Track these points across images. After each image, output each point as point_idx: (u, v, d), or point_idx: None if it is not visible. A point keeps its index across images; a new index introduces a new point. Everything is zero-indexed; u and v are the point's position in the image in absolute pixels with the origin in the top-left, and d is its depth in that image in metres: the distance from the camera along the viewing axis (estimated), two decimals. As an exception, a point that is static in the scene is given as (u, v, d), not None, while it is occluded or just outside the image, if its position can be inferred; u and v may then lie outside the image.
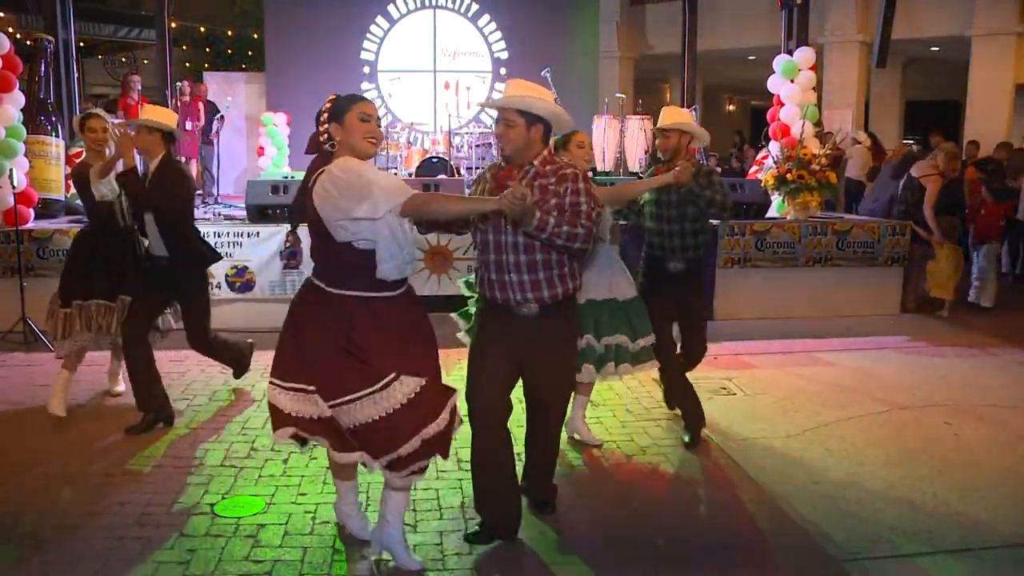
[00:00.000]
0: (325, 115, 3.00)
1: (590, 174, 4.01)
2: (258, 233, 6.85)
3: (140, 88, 11.21)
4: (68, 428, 4.59)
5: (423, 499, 3.70)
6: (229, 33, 19.85)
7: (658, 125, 4.45)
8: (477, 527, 3.38)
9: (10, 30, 12.69)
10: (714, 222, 6.96)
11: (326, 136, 2.99)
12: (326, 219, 2.87)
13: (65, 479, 3.89)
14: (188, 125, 10.63)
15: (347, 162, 2.91)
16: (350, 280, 2.95)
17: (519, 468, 3.56)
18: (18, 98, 6.88)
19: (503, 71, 12.14)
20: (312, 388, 2.95)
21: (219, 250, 6.80)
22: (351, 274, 2.94)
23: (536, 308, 3.16)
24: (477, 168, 9.63)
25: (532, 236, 3.01)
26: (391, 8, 12.00)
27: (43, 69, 7.93)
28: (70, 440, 4.43)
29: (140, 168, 4.49)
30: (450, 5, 12.08)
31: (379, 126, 3.06)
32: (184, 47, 19.72)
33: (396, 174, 9.57)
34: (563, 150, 4.02)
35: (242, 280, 6.78)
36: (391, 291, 3.00)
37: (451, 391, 3.07)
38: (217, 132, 10.64)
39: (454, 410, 3.06)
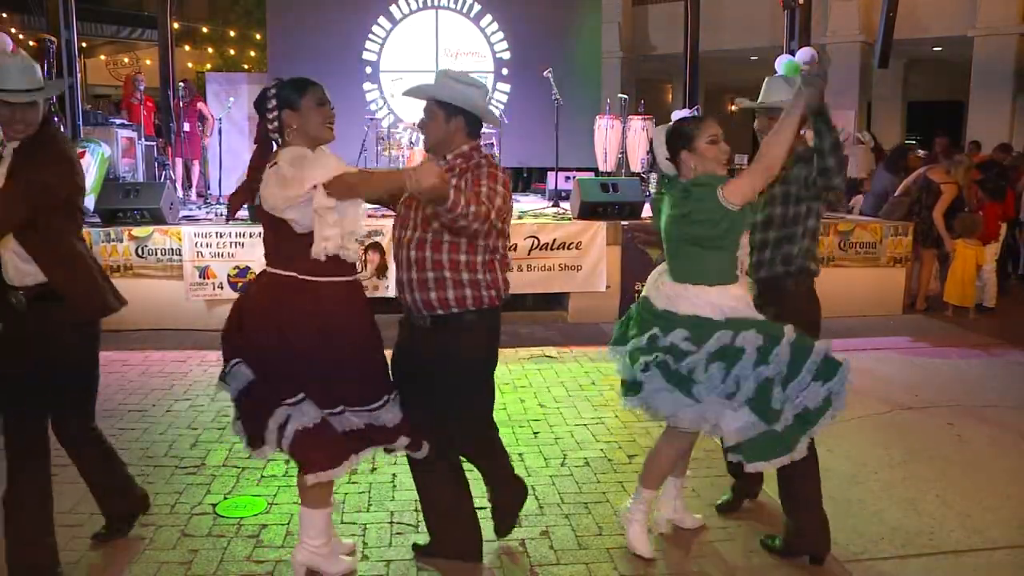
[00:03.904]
0: (274, 101, 2.81)
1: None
2: (260, 233, 6.82)
3: (144, 87, 11.22)
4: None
5: (425, 499, 3.70)
6: (231, 33, 19.87)
7: (771, 100, 3.41)
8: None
9: (13, 30, 12.72)
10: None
11: (277, 124, 2.82)
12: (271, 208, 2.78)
13: (66, 479, 3.88)
14: (187, 126, 10.62)
15: (296, 150, 2.79)
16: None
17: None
18: (20, 98, 6.88)
19: (505, 71, 12.13)
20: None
21: (221, 250, 6.92)
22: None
23: (428, 320, 2.88)
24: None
25: (441, 217, 2.70)
26: (393, 8, 11.99)
27: (45, 69, 7.94)
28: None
29: None
30: (452, 5, 12.08)
31: (332, 108, 2.90)
32: (186, 47, 19.75)
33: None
34: (689, 151, 3.01)
35: (244, 280, 6.77)
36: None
37: None
38: (209, 134, 10.63)
39: None
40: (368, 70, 11.99)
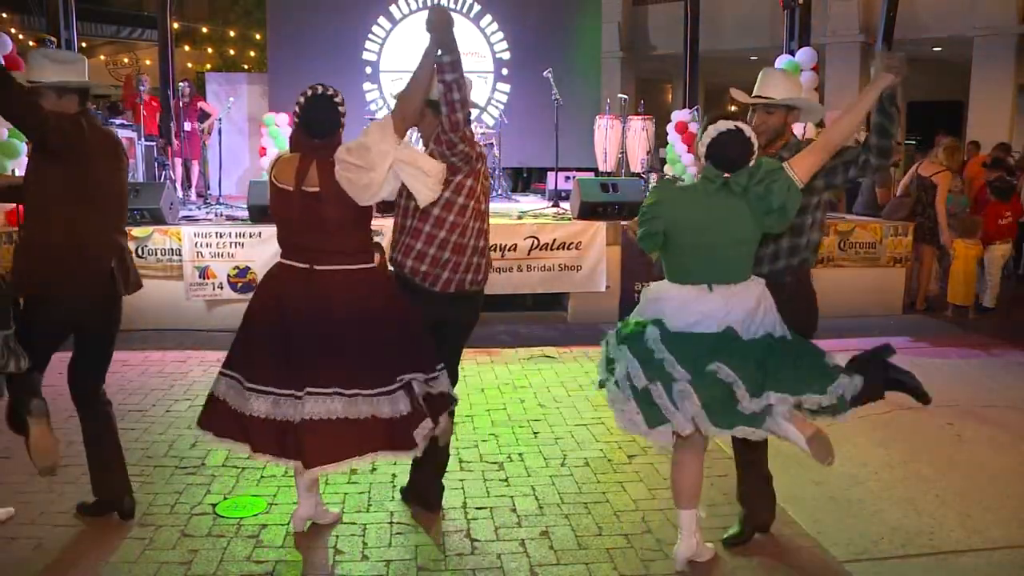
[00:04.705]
0: (344, 108, 3.22)
1: None
2: (260, 233, 6.84)
3: (146, 87, 11.21)
4: (68, 428, 4.58)
5: (425, 499, 3.70)
6: (231, 33, 19.88)
7: (761, 93, 3.26)
8: None
9: (13, 30, 12.72)
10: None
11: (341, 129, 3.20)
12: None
13: (67, 479, 3.89)
14: (188, 126, 10.62)
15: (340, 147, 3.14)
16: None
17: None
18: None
19: (505, 71, 12.13)
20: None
21: (221, 251, 6.91)
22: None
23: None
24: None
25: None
26: (393, 8, 11.99)
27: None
28: (71, 440, 4.42)
29: None
30: (452, 5, 12.07)
31: None
32: (186, 47, 19.75)
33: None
34: (756, 152, 2.92)
35: (244, 280, 6.77)
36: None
37: None
38: (208, 133, 10.63)
39: None
40: (368, 70, 11.99)
